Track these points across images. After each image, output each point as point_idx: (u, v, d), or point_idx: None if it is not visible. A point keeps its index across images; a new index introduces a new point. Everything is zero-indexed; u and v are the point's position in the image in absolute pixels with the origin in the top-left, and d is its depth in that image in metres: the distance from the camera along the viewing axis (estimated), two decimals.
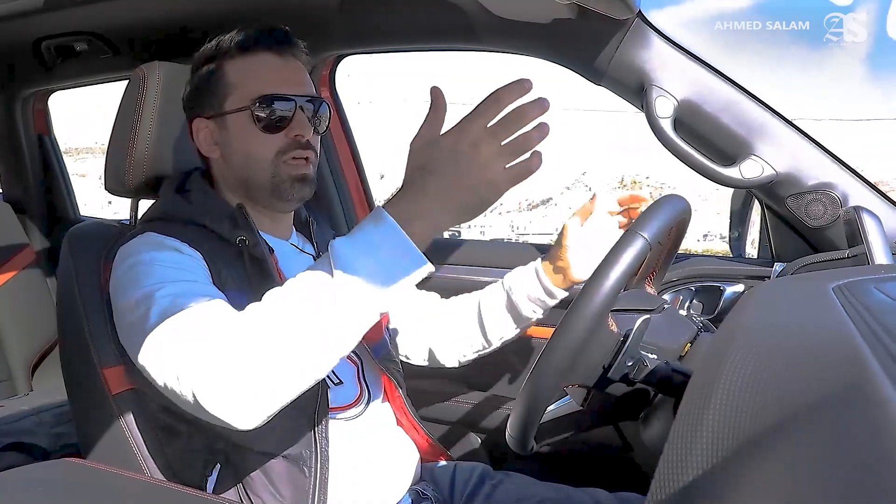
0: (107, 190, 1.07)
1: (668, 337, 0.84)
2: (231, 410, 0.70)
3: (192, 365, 0.72)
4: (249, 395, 0.70)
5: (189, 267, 0.86)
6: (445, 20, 1.26)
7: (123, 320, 0.85)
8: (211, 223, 0.93)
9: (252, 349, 0.70)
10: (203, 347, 0.72)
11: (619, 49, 1.15)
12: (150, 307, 0.78)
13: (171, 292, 0.80)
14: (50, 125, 2.10)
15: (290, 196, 0.95)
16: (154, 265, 0.84)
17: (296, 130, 0.93)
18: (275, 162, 0.93)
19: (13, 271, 1.91)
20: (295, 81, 0.95)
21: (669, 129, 1.14)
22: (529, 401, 0.76)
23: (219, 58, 0.95)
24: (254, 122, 0.92)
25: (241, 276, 0.89)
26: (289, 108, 0.93)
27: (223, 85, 0.94)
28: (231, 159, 0.96)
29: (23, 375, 1.90)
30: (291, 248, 1.02)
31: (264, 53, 0.94)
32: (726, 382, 0.35)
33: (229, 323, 0.74)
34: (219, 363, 0.70)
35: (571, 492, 1.04)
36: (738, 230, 1.37)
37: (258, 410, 0.71)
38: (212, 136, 0.97)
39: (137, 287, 0.82)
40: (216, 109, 0.95)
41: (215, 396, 0.70)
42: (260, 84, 0.93)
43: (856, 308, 0.42)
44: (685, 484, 0.30)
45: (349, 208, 1.62)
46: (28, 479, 0.74)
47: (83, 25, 1.47)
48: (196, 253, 0.89)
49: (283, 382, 0.70)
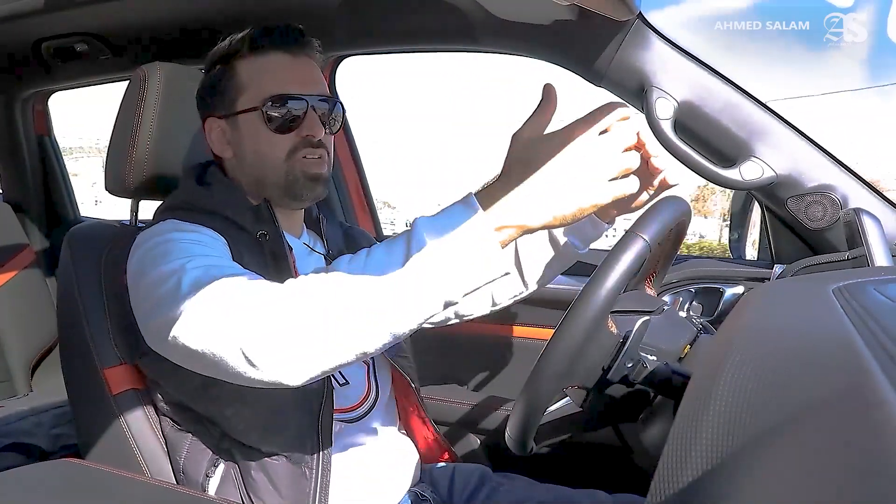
0: (107, 190, 1.07)
1: (668, 338, 0.84)
2: (282, 367, 0.68)
3: (240, 321, 0.69)
4: (300, 354, 0.67)
5: (215, 246, 0.84)
6: (446, 21, 1.26)
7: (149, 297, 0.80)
8: (233, 215, 0.91)
9: (304, 311, 0.67)
10: (249, 303, 0.70)
11: (620, 50, 1.15)
12: (182, 277, 0.75)
13: (202, 264, 0.77)
14: (50, 126, 2.10)
15: (305, 195, 0.94)
16: (179, 242, 0.82)
17: (307, 130, 0.92)
18: (288, 161, 0.92)
19: (13, 271, 1.90)
20: (307, 80, 0.94)
21: (669, 130, 1.14)
22: (529, 402, 0.75)
23: (231, 57, 0.94)
24: (265, 122, 0.91)
25: (262, 268, 0.87)
26: (300, 107, 0.92)
27: (234, 84, 0.94)
28: (244, 159, 0.95)
29: (22, 376, 1.89)
30: (304, 247, 1.01)
31: (276, 53, 0.93)
32: (726, 384, 0.35)
33: (272, 285, 0.72)
34: (268, 318, 0.68)
35: (571, 494, 1.04)
36: (738, 232, 1.37)
37: (308, 369, 0.69)
38: (224, 135, 0.96)
39: (163, 262, 0.79)
40: (228, 109, 0.94)
41: (267, 352, 0.68)
42: (271, 84, 0.92)
43: (856, 310, 0.42)
44: (684, 486, 0.30)
45: (349, 208, 1.62)
46: (27, 480, 0.74)
47: (83, 26, 1.47)
48: (220, 237, 0.87)
49: (332, 349, 0.67)
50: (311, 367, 0.69)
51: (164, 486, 0.86)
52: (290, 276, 0.85)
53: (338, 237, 1.08)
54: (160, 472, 0.95)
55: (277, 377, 0.69)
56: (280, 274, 0.88)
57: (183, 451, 0.93)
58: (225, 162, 0.98)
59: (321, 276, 0.70)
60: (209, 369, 0.74)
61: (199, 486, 0.91)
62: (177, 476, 0.94)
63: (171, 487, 0.89)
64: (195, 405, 0.90)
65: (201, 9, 1.32)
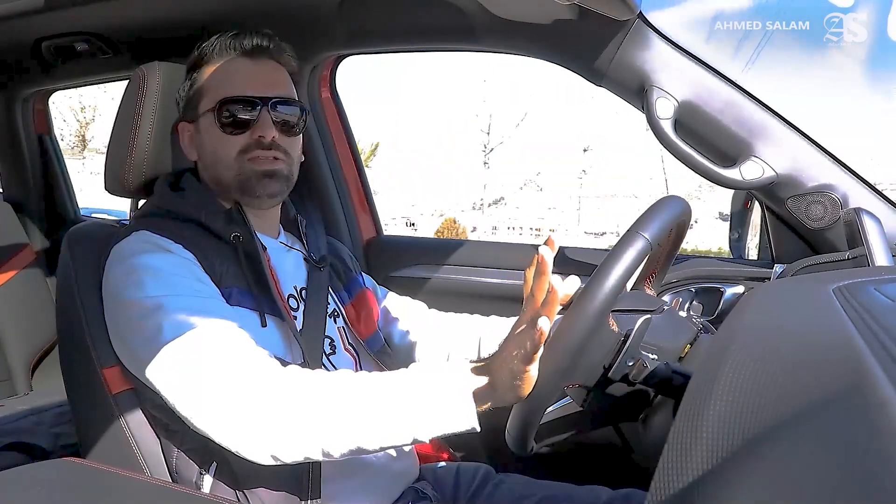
0: (107, 190, 1.07)
1: (668, 338, 0.84)
2: (244, 444, 0.78)
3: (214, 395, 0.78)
4: (266, 436, 0.76)
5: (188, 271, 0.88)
6: (446, 20, 1.26)
7: (125, 322, 0.87)
8: (206, 219, 0.94)
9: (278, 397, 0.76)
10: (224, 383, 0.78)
11: (620, 50, 1.15)
12: (162, 321, 0.82)
13: (182, 306, 0.83)
14: (50, 125, 2.10)
15: (258, 192, 0.97)
16: (155, 274, 0.86)
17: (259, 131, 0.95)
18: (238, 160, 0.96)
19: (13, 271, 1.90)
20: (265, 83, 0.98)
21: (670, 130, 1.14)
22: (530, 401, 0.75)
23: (199, 64, 1.00)
24: (218, 123, 0.96)
25: (237, 273, 0.91)
26: (251, 109, 0.96)
27: (199, 90, 0.99)
28: (205, 160, 1.00)
29: (23, 375, 1.89)
30: (280, 245, 1.03)
31: (238, 58, 0.98)
32: (726, 384, 0.35)
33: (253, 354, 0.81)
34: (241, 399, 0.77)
35: (572, 490, 1.04)
36: (739, 231, 1.37)
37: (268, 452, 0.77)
38: (191, 139, 1.01)
39: (141, 296, 0.85)
40: (193, 114, 1.00)
41: (232, 429, 0.77)
42: (225, 87, 0.96)
43: (856, 309, 0.42)
44: (685, 485, 0.30)
45: (349, 208, 1.62)
46: (27, 479, 0.74)
47: (83, 26, 1.47)
48: (189, 255, 0.90)
49: (299, 439, 0.76)
50: (273, 451, 0.77)
51: (164, 486, 0.86)
52: (266, 275, 0.92)
53: (319, 241, 1.10)
54: (160, 471, 0.95)
55: (238, 448, 0.78)
56: (256, 275, 0.92)
57: (176, 451, 0.93)
58: (197, 166, 1.03)
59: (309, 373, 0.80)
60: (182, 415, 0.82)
61: (194, 484, 0.91)
62: (172, 475, 0.95)
63: (171, 487, 0.89)
64: None
65: (201, 8, 1.32)
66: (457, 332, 1.11)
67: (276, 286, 0.93)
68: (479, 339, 1.09)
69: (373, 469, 0.96)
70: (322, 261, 1.06)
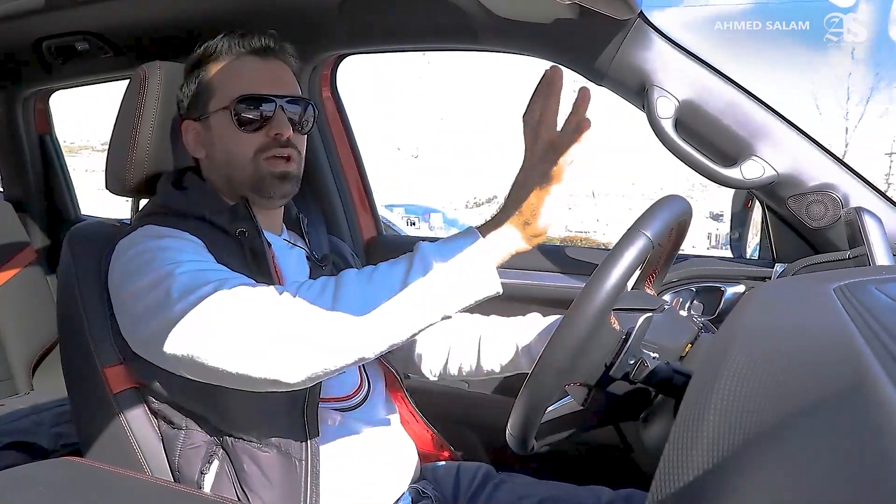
0: (107, 189, 1.07)
1: (669, 337, 0.84)
2: (280, 367, 0.75)
3: (236, 323, 0.75)
4: (298, 354, 0.74)
5: (195, 249, 0.88)
6: (446, 20, 1.26)
7: (136, 305, 0.85)
8: (210, 216, 0.94)
9: (303, 313, 0.75)
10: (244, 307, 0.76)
11: (621, 49, 1.15)
12: (171, 284, 0.80)
13: (189, 269, 0.81)
14: (51, 125, 2.10)
15: (272, 193, 0.97)
16: (161, 250, 0.85)
17: (275, 129, 0.95)
18: (255, 160, 0.96)
19: (14, 270, 1.90)
20: (277, 82, 0.98)
21: (671, 129, 1.14)
22: (531, 400, 0.75)
23: (204, 62, 0.99)
24: (234, 121, 0.95)
25: (242, 268, 0.90)
26: (268, 107, 0.95)
27: (207, 88, 0.98)
28: (215, 158, 0.99)
29: (23, 374, 1.89)
30: (284, 242, 1.04)
31: (247, 56, 0.98)
32: (727, 383, 0.35)
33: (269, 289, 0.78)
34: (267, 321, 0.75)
35: (573, 490, 1.05)
36: (739, 231, 1.37)
37: (305, 368, 0.75)
38: (198, 137, 1.00)
39: (149, 270, 0.83)
40: (201, 112, 0.99)
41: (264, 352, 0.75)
42: (241, 85, 0.96)
43: (857, 309, 0.42)
44: (686, 484, 0.30)
45: (349, 208, 1.62)
46: (28, 479, 0.74)
47: (84, 25, 1.47)
48: (198, 240, 0.90)
49: (331, 350, 0.75)
50: (308, 367, 0.75)
51: (165, 485, 0.86)
52: (271, 272, 0.91)
53: (321, 239, 1.10)
54: (160, 470, 0.95)
55: (276, 376, 0.75)
56: (261, 270, 0.91)
57: (177, 450, 0.93)
58: (201, 164, 1.02)
59: (323, 279, 0.77)
60: (204, 374, 0.79)
61: (195, 483, 0.91)
62: (173, 475, 0.95)
63: (172, 486, 0.89)
64: (184, 402, 0.92)
65: (202, 8, 1.32)
66: (456, 331, 1.11)
67: (281, 283, 0.93)
68: (479, 337, 1.09)
69: (373, 468, 0.96)
70: (324, 259, 1.06)
